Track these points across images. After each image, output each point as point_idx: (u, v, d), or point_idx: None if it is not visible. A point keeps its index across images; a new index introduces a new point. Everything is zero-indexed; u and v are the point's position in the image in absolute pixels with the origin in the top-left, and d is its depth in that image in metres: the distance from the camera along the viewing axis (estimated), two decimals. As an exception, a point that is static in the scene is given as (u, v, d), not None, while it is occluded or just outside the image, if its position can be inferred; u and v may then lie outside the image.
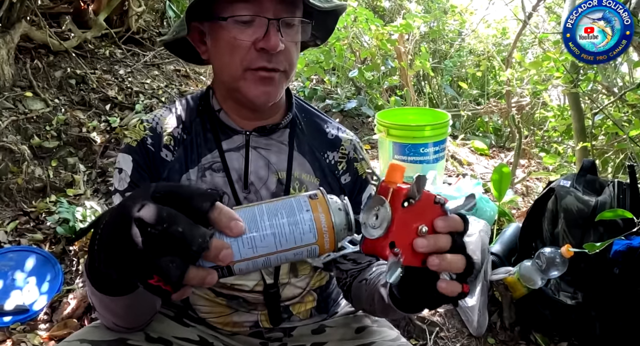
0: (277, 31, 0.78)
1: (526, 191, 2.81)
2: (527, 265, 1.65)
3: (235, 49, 0.80)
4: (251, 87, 0.82)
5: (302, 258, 0.55)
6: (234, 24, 0.79)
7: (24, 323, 1.91)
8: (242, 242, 0.51)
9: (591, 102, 3.15)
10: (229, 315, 0.96)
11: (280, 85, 0.85)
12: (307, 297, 1.00)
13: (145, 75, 3.37)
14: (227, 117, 0.91)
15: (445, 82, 4.84)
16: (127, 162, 0.88)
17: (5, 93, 2.71)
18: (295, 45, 0.84)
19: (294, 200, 0.54)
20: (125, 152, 0.90)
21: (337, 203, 0.56)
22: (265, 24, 0.78)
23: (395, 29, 3.46)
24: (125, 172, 0.88)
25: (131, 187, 0.87)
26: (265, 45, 0.78)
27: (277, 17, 0.78)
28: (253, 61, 0.80)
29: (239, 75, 0.82)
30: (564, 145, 3.87)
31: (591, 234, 1.68)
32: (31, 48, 3.03)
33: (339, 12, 0.90)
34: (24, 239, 2.24)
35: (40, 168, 2.56)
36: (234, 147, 0.91)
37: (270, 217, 0.53)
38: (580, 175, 1.81)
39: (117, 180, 0.89)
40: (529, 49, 5.36)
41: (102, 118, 2.91)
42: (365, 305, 0.92)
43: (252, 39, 0.79)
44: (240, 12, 0.78)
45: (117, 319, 0.78)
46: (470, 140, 3.70)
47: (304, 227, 0.53)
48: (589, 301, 1.65)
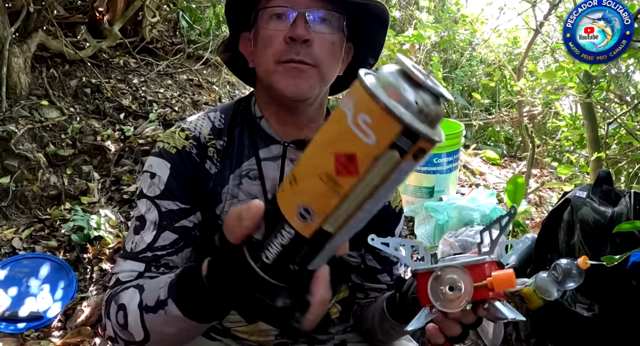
0: (304, 22, 0.80)
1: (539, 201, 2.79)
2: (543, 276, 1.63)
3: (269, 42, 0.82)
4: (281, 79, 0.82)
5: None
6: (268, 19, 0.82)
7: (37, 330, 1.93)
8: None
9: (604, 111, 3.13)
10: (257, 323, 0.95)
11: (312, 80, 0.84)
12: (332, 309, 1.02)
13: (158, 85, 3.40)
14: (268, 125, 0.91)
15: (456, 92, 4.84)
16: (163, 167, 0.85)
17: (21, 101, 2.75)
18: (329, 42, 0.84)
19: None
20: (160, 156, 0.87)
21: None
22: (294, 16, 0.80)
23: (407, 39, 3.47)
24: (159, 178, 0.85)
25: (165, 194, 0.84)
26: (292, 34, 0.80)
27: (306, 9, 0.81)
28: (283, 53, 0.81)
29: (271, 69, 0.83)
30: (576, 155, 3.85)
31: (608, 245, 1.66)
32: (47, 57, 3.08)
33: (381, 21, 0.89)
34: (38, 246, 2.26)
35: (55, 176, 2.59)
36: (271, 157, 0.91)
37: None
38: (596, 185, 1.79)
39: (146, 185, 0.85)
40: (540, 58, 5.35)
41: (117, 127, 2.94)
42: (368, 322, 0.98)
43: (283, 31, 0.81)
44: (272, 4, 0.82)
45: (181, 337, 0.71)
46: (482, 149, 3.69)
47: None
48: (606, 313, 1.63)
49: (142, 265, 0.79)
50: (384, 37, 0.93)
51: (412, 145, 0.38)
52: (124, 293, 0.74)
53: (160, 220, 0.82)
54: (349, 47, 0.92)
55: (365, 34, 0.92)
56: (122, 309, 0.72)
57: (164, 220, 0.82)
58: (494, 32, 5.00)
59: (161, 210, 0.82)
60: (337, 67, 0.88)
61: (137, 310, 0.69)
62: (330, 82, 0.89)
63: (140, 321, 0.69)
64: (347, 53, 0.92)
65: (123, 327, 0.71)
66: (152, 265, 0.79)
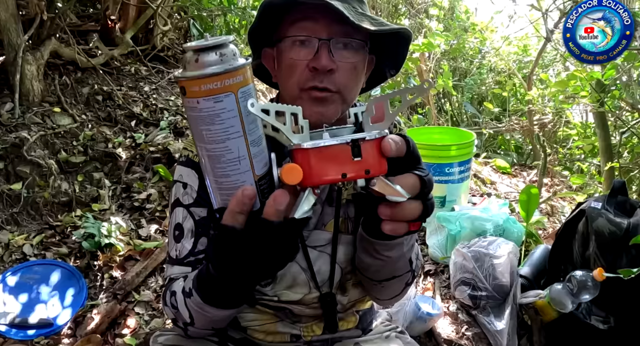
0: (328, 51, 0.81)
1: (551, 211, 2.76)
2: (557, 288, 1.61)
3: (292, 69, 0.83)
4: (306, 107, 0.82)
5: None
6: (291, 45, 0.83)
7: (47, 337, 1.92)
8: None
9: (615, 119, 3.10)
10: (274, 324, 0.98)
11: (335, 106, 0.85)
12: (350, 317, 1.03)
13: (169, 92, 3.42)
14: None
15: (466, 100, 4.82)
16: (192, 177, 0.90)
17: (34, 108, 2.77)
18: (351, 67, 0.84)
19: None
20: (188, 166, 0.91)
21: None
22: (317, 45, 0.81)
23: (418, 47, 3.46)
24: (191, 187, 0.90)
25: (197, 202, 0.89)
26: (316, 64, 0.80)
27: (329, 38, 0.81)
28: (306, 81, 0.83)
29: (295, 95, 0.85)
30: (588, 163, 3.82)
31: (623, 257, 1.64)
32: (60, 64, 3.10)
33: (404, 37, 0.89)
34: (49, 253, 2.26)
35: (66, 182, 2.60)
36: None
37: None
38: (611, 196, 1.77)
39: (180, 194, 0.90)
40: (551, 66, 5.33)
41: (128, 135, 2.95)
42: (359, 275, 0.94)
43: (306, 59, 0.82)
44: (297, 33, 0.82)
45: (214, 320, 0.81)
46: (492, 158, 3.67)
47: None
48: (622, 325, 1.61)
49: (189, 268, 0.87)
50: (407, 52, 0.94)
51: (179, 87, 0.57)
52: (175, 283, 0.84)
53: (196, 227, 0.88)
54: (371, 58, 0.92)
55: (387, 46, 0.92)
56: (174, 295, 0.82)
57: (199, 228, 0.88)
58: (504, 40, 4.98)
59: (195, 218, 0.89)
60: (359, 86, 0.89)
61: (181, 295, 0.79)
62: (353, 101, 0.90)
63: (184, 303, 0.78)
64: (369, 65, 0.92)
65: (175, 309, 0.81)
66: (197, 267, 0.87)
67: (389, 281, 0.88)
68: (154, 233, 2.45)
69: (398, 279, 0.87)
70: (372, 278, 0.88)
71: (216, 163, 0.59)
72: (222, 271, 0.65)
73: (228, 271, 0.64)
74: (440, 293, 1.98)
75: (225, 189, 0.61)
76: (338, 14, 0.77)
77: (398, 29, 0.85)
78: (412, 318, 1.72)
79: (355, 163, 0.58)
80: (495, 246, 1.83)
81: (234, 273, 0.64)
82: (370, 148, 0.59)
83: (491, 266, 1.78)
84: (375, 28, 0.80)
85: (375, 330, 1.11)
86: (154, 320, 2.01)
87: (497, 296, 1.75)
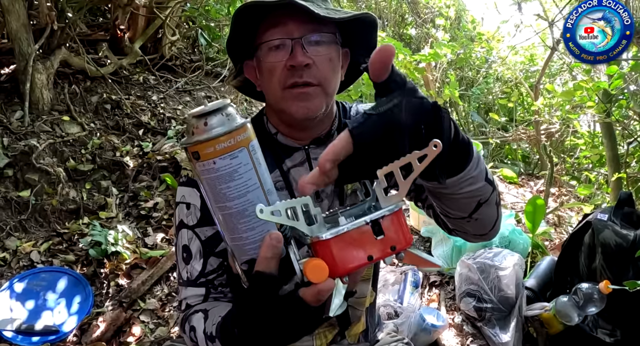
0: (301, 48, 0.85)
1: (558, 221, 2.74)
2: (563, 300, 1.60)
3: (272, 72, 0.87)
4: (291, 104, 0.87)
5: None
6: (268, 51, 0.87)
7: (53, 344, 1.94)
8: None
9: (623, 129, 3.08)
10: None
11: (319, 99, 0.88)
12: (357, 326, 1.03)
13: (177, 101, 3.45)
14: (285, 137, 0.96)
15: (472, 109, 4.82)
16: (194, 196, 0.93)
17: (43, 116, 2.80)
18: (326, 59, 0.88)
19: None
20: (189, 186, 0.94)
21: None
22: (290, 44, 0.85)
23: (424, 57, 3.47)
24: (194, 206, 0.92)
25: (202, 221, 0.91)
26: (293, 62, 0.84)
27: (300, 36, 0.85)
28: (286, 79, 0.86)
29: (279, 95, 0.88)
30: (596, 173, 3.79)
31: (630, 269, 1.62)
32: (69, 73, 3.14)
33: (369, 22, 0.92)
34: (56, 260, 2.28)
35: (74, 190, 2.63)
36: (298, 163, 0.96)
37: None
38: (617, 208, 1.76)
39: (184, 215, 0.93)
40: (557, 76, 5.31)
41: (135, 143, 2.98)
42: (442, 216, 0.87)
43: (284, 60, 0.86)
44: (270, 38, 0.86)
45: None
46: (498, 168, 3.65)
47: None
48: (628, 339, 1.59)
49: (203, 289, 0.90)
50: (376, 37, 0.97)
51: (188, 153, 0.60)
52: (193, 317, 0.86)
53: (204, 248, 0.91)
54: (345, 52, 0.95)
55: (357, 36, 0.95)
56: (193, 330, 0.83)
57: (206, 248, 0.91)
58: (510, 50, 4.98)
59: (201, 238, 0.91)
60: (338, 77, 0.93)
61: (202, 336, 0.80)
62: (335, 93, 0.93)
63: (205, 344, 0.79)
64: (345, 58, 0.96)
65: (195, 344, 0.82)
66: (210, 287, 0.91)
67: (479, 210, 0.80)
68: (160, 241, 2.46)
69: (486, 204, 0.79)
70: (463, 216, 0.81)
71: (240, 219, 0.60)
72: (247, 334, 0.64)
73: (253, 335, 0.63)
74: (445, 305, 1.97)
75: (251, 242, 0.61)
76: (305, 14, 0.81)
77: (359, 14, 0.88)
78: (416, 329, 1.71)
79: (379, 242, 0.56)
80: (501, 257, 1.83)
81: (258, 338, 0.62)
82: (390, 224, 0.57)
83: (497, 278, 1.77)
84: (338, 16, 0.84)
85: (381, 341, 1.11)
86: (159, 329, 2.02)
87: (503, 308, 1.74)
